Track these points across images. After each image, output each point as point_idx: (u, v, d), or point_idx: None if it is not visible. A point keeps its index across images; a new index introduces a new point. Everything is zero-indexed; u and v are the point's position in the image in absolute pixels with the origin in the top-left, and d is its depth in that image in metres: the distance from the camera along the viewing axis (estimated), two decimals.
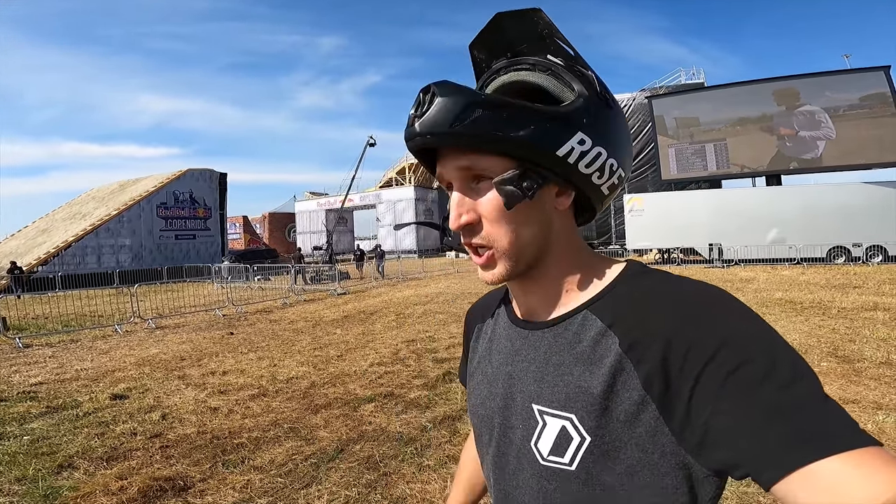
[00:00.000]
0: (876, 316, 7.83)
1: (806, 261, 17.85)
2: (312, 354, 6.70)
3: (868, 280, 12.70)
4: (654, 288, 0.56)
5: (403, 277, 18.58)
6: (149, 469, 3.29)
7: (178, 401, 4.82)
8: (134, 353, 7.25)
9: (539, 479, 0.58)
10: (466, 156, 0.55)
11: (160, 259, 24.27)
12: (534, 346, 0.62)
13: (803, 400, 0.42)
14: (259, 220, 48.76)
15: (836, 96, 19.52)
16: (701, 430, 0.46)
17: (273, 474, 3.20)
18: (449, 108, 0.52)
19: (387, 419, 4.15)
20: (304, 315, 10.58)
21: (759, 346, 0.46)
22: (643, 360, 0.50)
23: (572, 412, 0.54)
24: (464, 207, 0.57)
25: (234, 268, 18.96)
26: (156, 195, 25.13)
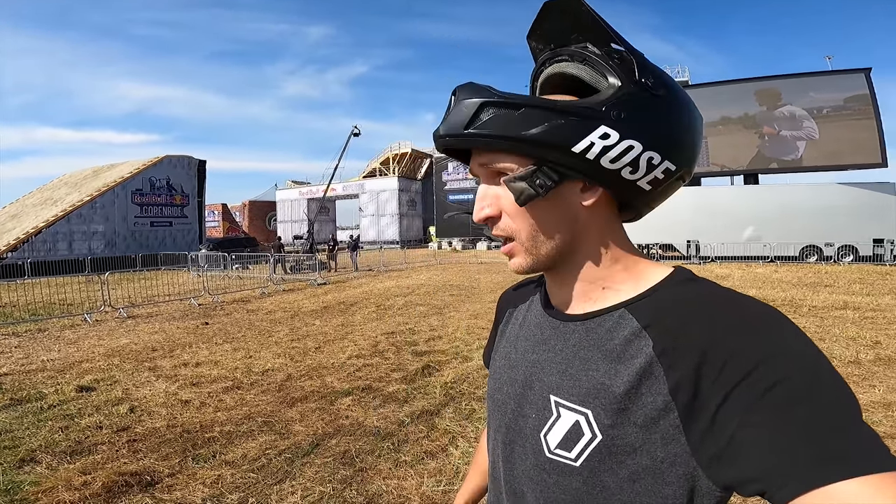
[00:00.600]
0: (846, 315, 8.04)
1: (779, 259, 18.30)
2: (290, 346, 6.59)
3: (839, 279, 13.06)
4: (699, 296, 0.54)
5: (385, 268, 18.48)
6: (114, 464, 3.17)
7: (148, 393, 4.68)
8: (103, 343, 7.04)
9: (540, 471, 0.57)
10: (485, 154, 0.58)
11: (134, 246, 23.64)
12: (563, 336, 0.61)
13: (839, 422, 0.41)
14: (239, 208, 47.92)
15: (817, 97, 19.90)
16: (723, 442, 0.44)
17: (245, 469, 3.12)
18: (465, 111, 0.54)
19: (364, 413, 4.10)
20: (282, 305, 10.42)
21: (803, 365, 0.44)
22: (675, 367, 0.49)
23: (590, 408, 0.54)
24: (486, 201, 0.60)
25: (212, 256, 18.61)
26: (131, 181, 24.42)
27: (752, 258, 18.65)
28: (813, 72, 20.43)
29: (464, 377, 4.98)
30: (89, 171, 27.95)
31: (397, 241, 36.22)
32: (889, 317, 7.72)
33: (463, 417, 3.96)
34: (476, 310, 9.08)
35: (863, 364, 5.24)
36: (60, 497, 2.79)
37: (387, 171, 40.07)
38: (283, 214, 44.50)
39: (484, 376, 4.98)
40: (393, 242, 35.65)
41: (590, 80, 0.56)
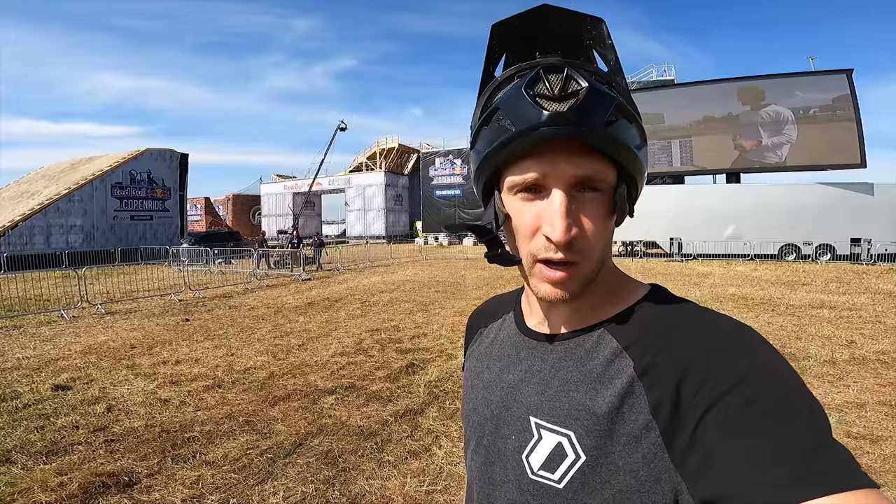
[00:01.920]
0: (822, 314, 8.21)
1: (759, 257, 18.62)
2: (272, 343, 6.53)
3: (816, 278, 13.34)
4: (678, 315, 0.55)
5: (371, 264, 18.39)
6: (91, 464, 3.12)
7: (126, 392, 4.60)
8: (80, 340, 6.89)
9: (523, 494, 0.56)
10: (586, 159, 0.50)
11: (113, 240, 23.11)
12: (541, 357, 0.60)
13: (814, 441, 0.41)
14: (222, 201, 47.22)
15: (801, 98, 20.13)
16: (702, 457, 0.44)
17: (226, 470, 3.09)
18: (603, 104, 0.49)
19: (347, 412, 4.08)
20: (265, 301, 10.32)
21: (779, 383, 0.45)
22: (656, 386, 0.49)
23: (572, 429, 0.53)
24: (573, 218, 0.51)
25: (193, 251, 18.32)
26: (110, 175, 23.79)
27: (733, 256, 18.94)
28: (796, 72, 20.67)
29: (448, 375, 4.99)
30: (67, 164, 27.26)
31: (383, 236, 36.09)
32: (864, 316, 7.91)
33: (447, 417, 3.96)
34: (461, 307, 9.09)
35: (837, 363, 5.35)
36: (36, 498, 2.73)
37: (373, 166, 39.84)
38: (268, 208, 44.01)
39: None
40: (379, 237, 35.51)
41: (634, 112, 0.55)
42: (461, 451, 3.35)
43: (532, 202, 0.53)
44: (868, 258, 17.05)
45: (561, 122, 0.48)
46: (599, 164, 0.51)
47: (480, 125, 0.55)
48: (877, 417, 3.77)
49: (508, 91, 0.52)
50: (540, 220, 0.52)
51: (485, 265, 17.75)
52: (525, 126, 0.49)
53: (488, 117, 0.53)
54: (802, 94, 20.10)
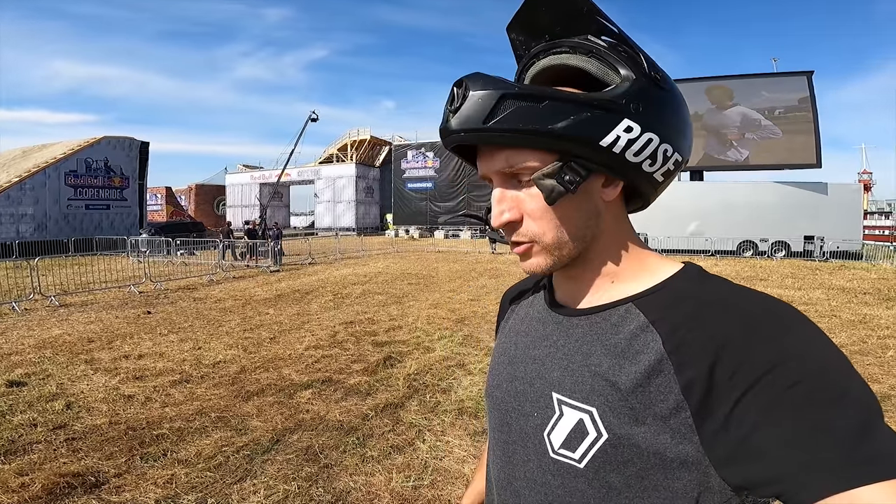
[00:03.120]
0: None
1: (719, 253, 19.30)
2: (242, 336, 6.31)
3: (773, 273, 13.92)
4: (711, 291, 0.52)
5: (341, 255, 18.09)
6: (53, 464, 2.92)
7: (86, 388, 4.34)
8: (33, 334, 6.48)
9: (544, 473, 0.56)
10: (504, 152, 0.53)
11: (67, 230, 21.90)
12: (566, 332, 0.59)
13: (860, 425, 0.39)
14: (185, 191, 45.51)
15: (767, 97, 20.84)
16: (738, 442, 0.43)
17: (201, 468, 2.93)
18: (482, 104, 0.50)
19: (325, 407, 3.97)
20: (232, 293, 9.99)
21: (825, 366, 0.42)
22: (687, 365, 0.47)
23: (594, 406, 0.52)
24: (505, 204, 0.55)
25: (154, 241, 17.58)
26: (64, 162, 22.45)
27: (696, 252, 19.58)
28: (760, 73, 21.42)
29: (427, 368, 4.93)
30: (19, 152, 25.67)
31: (353, 228, 35.61)
32: (820, 310, 8.27)
33: (428, 410, 3.91)
34: (436, 299, 9.04)
35: None
36: None
37: (344, 158, 39.18)
38: (233, 199, 42.74)
39: (447, 367, 4.95)
40: (349, 229, 35.03)
41: (597, 73, 0.54)
42: (445, 446, 3.31)
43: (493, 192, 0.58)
44: (821, 255, 17.90)
45: (446, 132, 0.53)
46: (520, 152, 0.52)
47: None
48: None
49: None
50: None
51: (457, 258, 17.76)
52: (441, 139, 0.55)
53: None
54: (768, 94, 20.83)
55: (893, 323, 6.98)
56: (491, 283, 11.29)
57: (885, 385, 4.38)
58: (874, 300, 9.02)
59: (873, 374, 4.71)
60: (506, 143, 0.52)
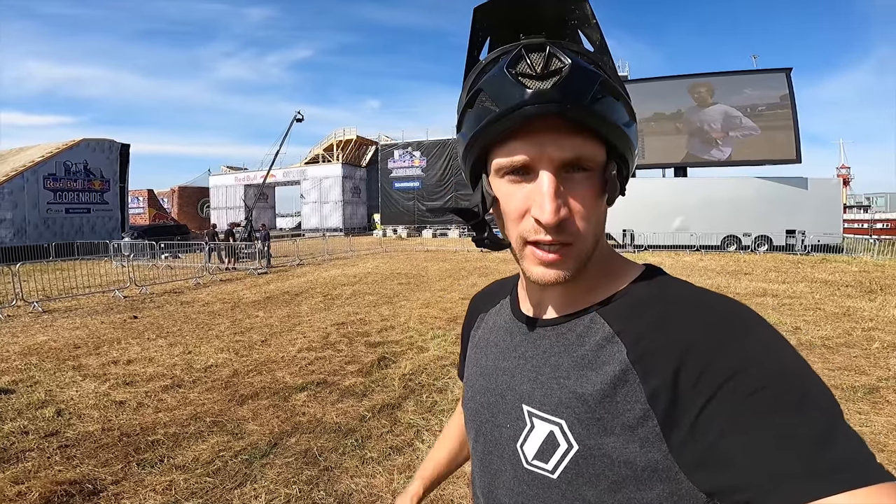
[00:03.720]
0: (766, 301, 8.72)
1: (704, 248, 19.59)
2: (233, 339, 6.25)
3: (756, 267, 14.17)
4: (672, 296, 0.53)
5: (329, 256, 17.98)
6: (48, 472, 2.87)
7: (75, 394, 4.26)
8: (18, 341, 6.34)
9: (519, 483, 0.56)
10: (577, 139, 0.49)
11: (47, 235, 21.40)
12: (534, 343, 0.59)
13: (826, 431, 0.39)
14: (167, 193, 44.83)
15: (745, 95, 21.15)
16: (705, 449, 0.43)
17: (199, 473, 2.90)
18: (588, 81, 0.47)
19: (322, 409, 3.94)
20: (220, 296, 9.88)
21: (786, 370, 0.43)
22: (652, 373, 0.47)
23: (563, 418, 0.52)
24: (561, 199, 0.49)
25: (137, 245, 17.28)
26: (43, 165, 21.92)
27: (681, 247, 19.85)
28: (741, 70, 21.77)
29: (422, 368, 4.93)
30: None
31: (341, 228, 35.40)
32: (805, 303, 8.45)
33: (425, 410, 3.91)
34: (427, 298, 9.03)
35: None
36: None
37: (330, 158, 38.91)
38: (217, 201, 42.16)
39: (442, 367, 4.95)
40: (336, 230, 34.80)
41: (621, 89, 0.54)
42: None
43: (520, 184, 0.52)
44: (802, 248, 18.27)
45: (544, 100, 0.46)
46: (587, 143, 0.49)
47: (465, 108, 0.53)
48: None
49: (492, 72, 0.50)
50: (529, 202, 0.51)
51: (446, 257, 17.76)
52: (508, 105, 0.48)
53: (472, 100, 0.52)
54: (746, 92, 21.18)
55: (877, 315, 7.16)
56: (481, 281, 11.31)
57: (873, 377, 4.48)
58: (856, 293, 9.23)
59: (860, 366, 4.82)
60: (597, 128, 0.49)
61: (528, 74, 0.47)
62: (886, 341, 5.67)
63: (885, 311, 7.38)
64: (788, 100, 20.62)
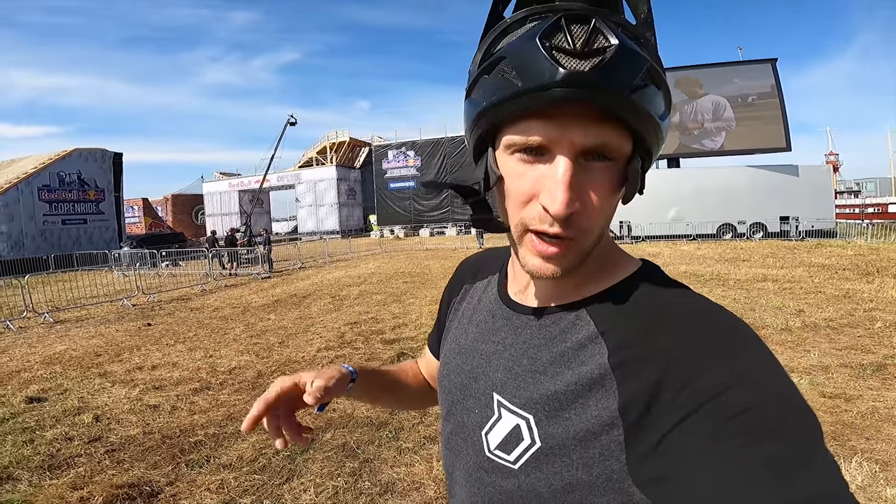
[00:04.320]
0: (767, 286, 8.90)
1: (700, 237, 19.83)
2: (250, 342, 6.34)
3: (753, 254, 14.38)
4: (663, 302, 0.50)
5: (330, 259, 18.05)
6: (102, 476, 2.96)
7: (108, 400, 4.35)
8: (36, 350, 6.40)
9: (479, 469, 0.55)
10: (601, 126, 0.44)
11: (45, 247, 21.31)
12: (515, 331, 0.57)
13: (803, 460, 0.37)
14: (161, 202, 44.60)
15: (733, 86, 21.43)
16: (670, 467, 0.40)
17: (246, 471, 3.01)
18: (633, 66, 0.41)
19: (351, 405, 4.05)
20: (228, 301, 9.94)
21: (770, 393, 0.40)
22: (629, 382, 0.45)
23: (531, 413, 0.50)
24: (577, 191, 0.45)
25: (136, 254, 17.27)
26: (36, 177, 21.83)
27: (677, 237, 20.08)
28: (727, 62, 22.09)
29: None
30: None
31: (337, 230, 35.40)
32: (805, 287, 8.63)
33: None
34: (434, 296, 9.14)
35: (793, 331, 5.81)
36: None
37: (324, 161, 38.87)
38: (212, 208, 41.98)
39: None
40: (333, 232, 34.81)
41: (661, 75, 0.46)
42: None
43: (532, 165, 0.46)
44: (797, 234, 18.54)
45: (579, 84, 0.40)
46: (616, 132, 0.44)
47: (480, 73, 0.47)
48: (843, 378, 4.15)
49: (520, 38, 0.43)
50: (539, 186, 0.46)
51: (446, 255, 17.87)
52: (535, 83, 0.42)
53: (491, 66, 0.45)
54: (733, 83, 21.45)
55: (876, 296, 7.35)
56: None
57: (879, 355, 4.65)
58: (854, 275, 9.44)
59: (866, 345, 4.99)
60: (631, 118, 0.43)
61: (566, 50, 0.41)
62: (888, 321, 5.85)
63: (883, 293, 7.58)
64: (775, 90, 20.91)
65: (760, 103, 21.18)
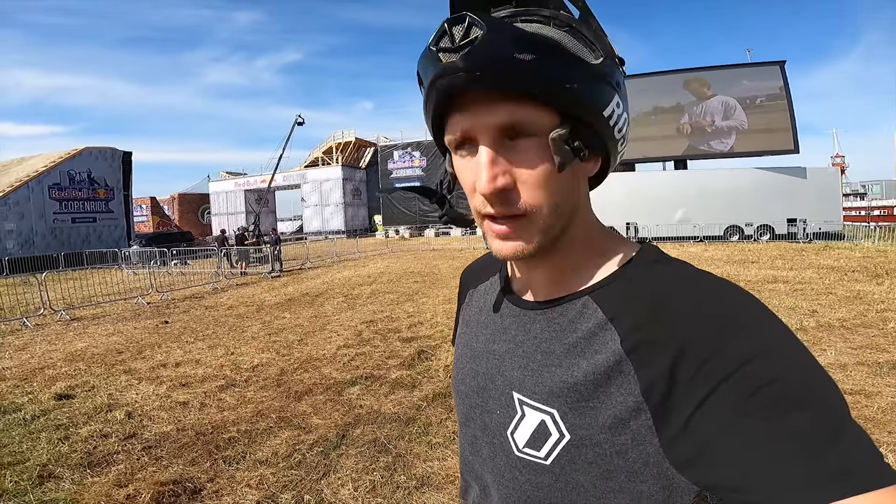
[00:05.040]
0: (778, 287, 8.94)
1: (707, 238, 19.83)
2: (269, 340, 6.41)
3: (761, 256, 14.40)
4: (670, 281, 0.50)
5: (338, 258, 18.14)
6: (144, 473, 3.01)
7: (137, 397, 4.42)
8: (56, 347, 6.48)
9: (511, 469, 0.55)
10: (507, 104, 0.46)
11: (55, 245, 21.43)
12: (524, 327, 0.57)
13: (834, 431, 0.37)
14: (167, 201, 44.79)
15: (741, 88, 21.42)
16: (700, 445, 0.41)
17: (283, 467, 3.07)
18: (504, 44, 0.43)
19: (377, 401, 4.12)
20: (241, 300, 10.03)
21: (793, 364, 0.40)
22: (647, 365, 0.45)
23: (555, 407, 0.50)
24: (499, 168, 0.47)
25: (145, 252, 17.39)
26: (47, 175, 21.94)
27: (684, 238, 20.08)
28: (735, 64, 22.09)
29: None
30: None
31: (343, 230, 35.50)
32: (816, 288, 8.66)
33: None
34: (446, 294, 9.20)
35: (808, 331, 5.87)
36: None
37: (329, 160, 38.99)
38: (218, 207, 42.16)
39: None
40: (338, 232, 34.91)
41: (571, 49, 0.46)
42: None
43: (468, 158, 0.50)
44: (804, 237, 18.53)
45: (453, 71, 0.44)
46: (524, 107, 0.46)
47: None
48: (861, 376, 4.20)
49: (422, 51, 0.48)
50: (475, 175, 0.49)
51: (453, 255, 17.93)
52: (428, 82, 0.47)
53: (419, 82, 0.51)
54: (742, 84, 21.46)
55: (887, 297, 7.38)
56: None
57: (895, 354, 4.70)
58: (864, 277, 9.47)
59: (880, 345, 5.04)
60: (524, 90, 0.45)
61: (446, 48, 0.45)
62: None
63: (894, 294, 7.61)
64: (784, 91, 20.89)
65: (769, 105, 21.18)
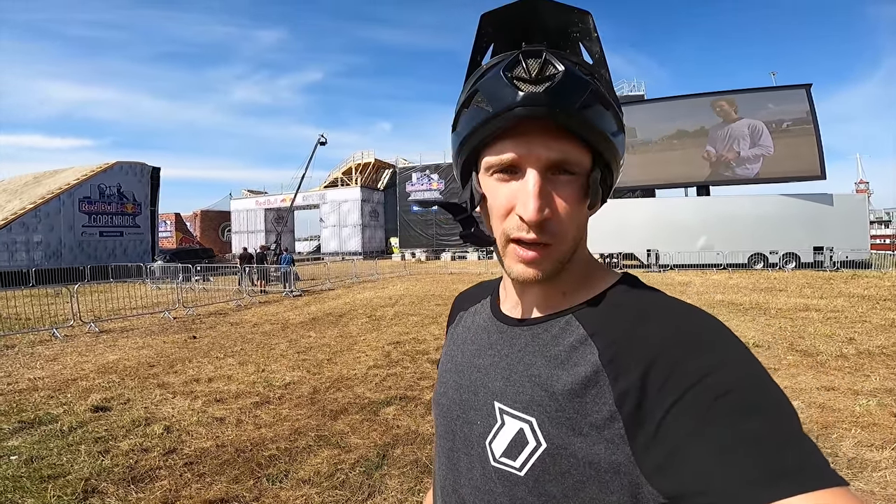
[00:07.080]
0: (811, 315, 8.72)
1: (730, 266, 19.49)
2: (298, 358, 6.39)
3: (789, 284, 14.10)
4: (645, 304, 0.55)
5: (357, 279, 18.20)
6: (189, 489, 2.97)
7: (173, 411, 4.40)
8: (88, 359, 6.54)
9: (487, 480, 0.56)
10: (560, 142, 0.51)
11: (82, 258, 21.92)
12: (509, 342, 0.61)
13: (785, 436, 0.41)
14: (190, 217, 45.72)
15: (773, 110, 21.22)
16: (668, 452, 0.43)
17: (326, 487, 3.01)
18: (579, 88, 0.49)
19: (414, 422, 4.05)
20: (265, 318, 10.06)
21: (749, 376, 0.45)
22: (621, 376, 0.49)
23: (533, 416, 0.53)
24: (545, 199, 0.52)
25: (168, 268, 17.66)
26: (78, 188, 22.59)
27: (707, 266, 19.77)
28: (761, 87, 21.93)
29: None
30: (30, 178, 25.84)
31: (360, 252, 35.71)
32: (850, 316, 8.44)
33: None
34: None
35: (849, 357, 5.73)
36: None
37: (349, 181, 39.51)
38: (239, 225, 42.85)
39: None
40: (355, 253, 35.13)
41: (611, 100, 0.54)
42: None
43: (507, 183, 0.54)
44: (831, 265, 18.14)
45: (535, 103, 0.49)
46: (574, 147, 0.51)
47: (461, 108, 0.56)
48: None
49: (489, 74, 0.52)
50: (514, 199, 0.53)
51: (473, 278, 17.85)
52: (501, 107, 0.50)
53: (469, 100, 0.54)
54: (767, 108, 21.26)
55: None
56: None
57: None
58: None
59: None
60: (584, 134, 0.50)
61: (523, 78, 0.49)
62: None
63: None
64: (810, 116, 20.66)
65: (795, 129, 20.91)
